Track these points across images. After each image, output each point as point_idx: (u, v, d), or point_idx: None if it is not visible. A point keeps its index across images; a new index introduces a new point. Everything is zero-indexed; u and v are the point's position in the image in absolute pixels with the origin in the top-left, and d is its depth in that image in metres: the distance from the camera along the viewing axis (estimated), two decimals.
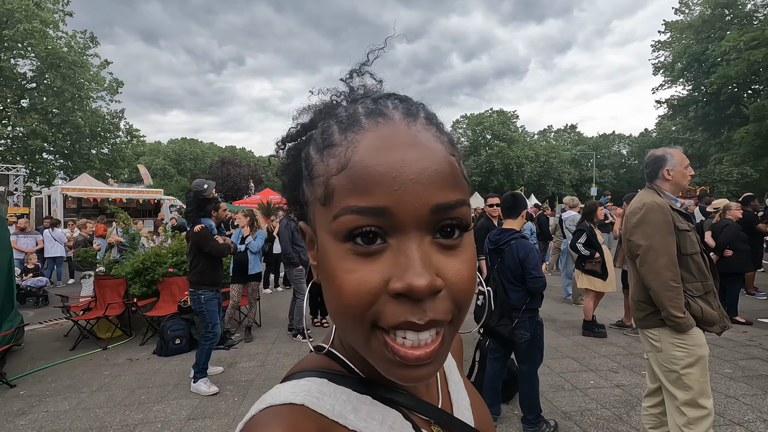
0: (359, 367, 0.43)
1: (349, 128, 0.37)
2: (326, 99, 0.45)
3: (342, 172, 0.35)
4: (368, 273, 0.34)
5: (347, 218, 0.34)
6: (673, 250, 2.10)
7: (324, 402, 0.38)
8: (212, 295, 3.92)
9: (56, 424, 3.27)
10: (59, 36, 22.10)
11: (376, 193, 0.34)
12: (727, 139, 21.49)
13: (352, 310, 0.35)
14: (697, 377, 2.03)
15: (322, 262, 0.38)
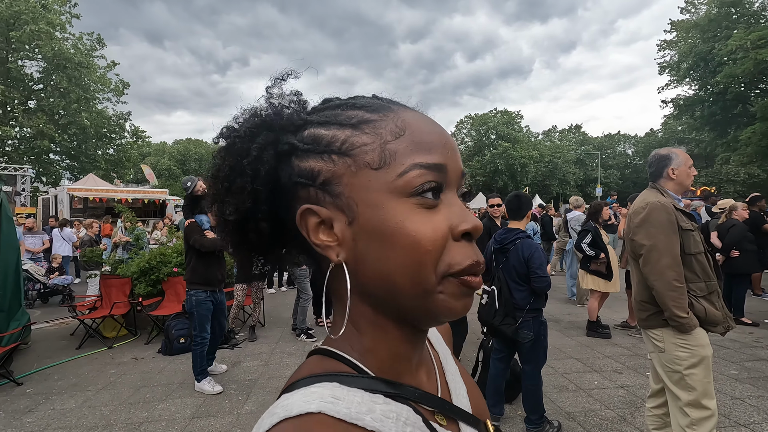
0: (368, 365, 0.42)
1: (380, 109, 0.42)
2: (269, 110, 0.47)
3: (400, 137, 0.39)
4: (438, 221, 0.38)
5: (416, 173, 0.38)
6: (676, 250, 2.09)
7: (339, 406, 0.36)
8: (204, 297, 3.77)
9: (62, 421, 3.31)
10: (66, 37, 22.30)
11: (436, 153, 0.39)
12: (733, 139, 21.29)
13: (431, 256, 0.37)
14: (700, 378, 2.02)
15: (372, 226, 0.38)
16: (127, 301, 5.56)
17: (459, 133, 48.99)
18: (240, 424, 3.20)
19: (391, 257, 0.38)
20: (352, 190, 0.39)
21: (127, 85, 25.87)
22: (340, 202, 0.40)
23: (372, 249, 0.39)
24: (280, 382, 4.01)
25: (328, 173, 0.40)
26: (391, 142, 0.39)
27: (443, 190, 0.40)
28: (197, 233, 3.81)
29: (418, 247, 0.37)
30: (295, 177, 0.42)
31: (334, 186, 0.40)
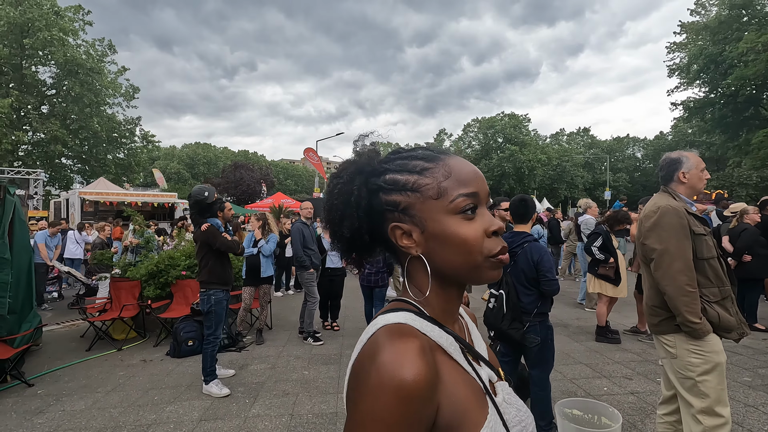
0: (427, 311, 0.64)
1: (433, 159, 0.64)
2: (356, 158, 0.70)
3: (449, 178, 0.61)
4: (476, 227, 0.61)
5: (461, 200, 0.60)
6: (688, 255, 2.06)
7: (415, 323, 0.59)
8: (222, 296, 3.93)
9: (72, 423, 3.34)
10: (78, 44, 22.69)
11: (472, 185, 0.62)
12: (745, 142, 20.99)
13: (477, 247, 0.60)
14: (713, 385, 1.98)
15: (437, 234, 0.61)
16: (137, 303, 5.62)
17: (466, 137, 48.90)
18: (247, 427, 3.20)
19: (452, 250, 0.61)
20: (422, 212, 0.62)
21: (137, 89, 26.23)
22: (415, 220, 0.62)
23: (439, 246, 0.62)
24: (287, 385, 4.01)
25: (405, 203, 0.63)
26: (443, 182, 0.61)
27: (478, 207, 0.62)
28: (220, 236, 3.92)
29: (467, 243, 0.60)
30: (384, 206, 0.64)
31: (410, 210, 0.63)
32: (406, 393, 0.49)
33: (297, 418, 3.34)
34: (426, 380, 0.51)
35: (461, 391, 0.57)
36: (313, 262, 5.40)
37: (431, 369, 0.53)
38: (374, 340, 0.56)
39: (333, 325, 6.05)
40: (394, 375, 0.50)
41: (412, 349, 0.53)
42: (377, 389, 0.50)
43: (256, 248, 5.41)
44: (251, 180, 32.26)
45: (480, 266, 0.61)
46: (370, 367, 0.52)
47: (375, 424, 0.49)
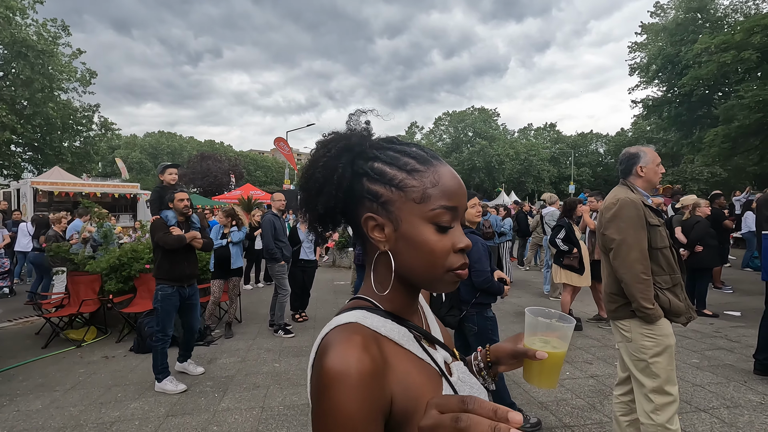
0: (384, 305, 0.66)
1: (425, 163, 0.63)
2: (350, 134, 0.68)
3: (436, 186, 0.61)
4: (446, 240, 0.61)
5: (441, 211, 0.61)
6: (644, 245, 2.18)
7: (366, 321, 0.61)
8: (170, 292, 3.74)
9: (28, 423, 3.19)
10: (28, 24, 21.18)
11: (454, 200, 0.62)
12: (698, 139, 22.18)
13: (441, 260, 0.61)
14: (664, 365, 2.12)
15: (408, 236, 0.61)
16: (97, 298, 5.38)
17: (437, 130, 49.34)
18: (217, 421, 3.16)
19: (417, 256, 0.62)
20: (400, 211, 0.62)
21: (95, 74, 24.80)
22: (390, 216, 0.62)
23: (406, 248, 0.62)
24: (257, 378, 3.98)
25: (386, 197, 0.62)
26: (429, 188, 0.61)
27: (453, 221, 0.62)
28: (162, 230, 3.76)
29: (433, 254, 0.61)
30: (365, 193, 0.64)
31: (389, 206, 0.62)
32: (352, 384, 0.51)
33: (268, 410, 3.33)
34: (371, 371, 0.53)
35: (414, 379, 0.59)
36: (284, 254, 5.34)
37: (376, 361, 0.54)
38: (326, 340, 0.58)
39: (303, 316, 6.03)
40: (339, 370, 0.52)
41: (356, 344, 0.54)
42: (328, 387, 0.52)
43: (225, 240, 5.29)
44: (219, 171, 31.34)
45: (440, 278, 0.62)
46: (320, 367, 0.54)
47: (333, 419, 0.51)
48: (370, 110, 0.72)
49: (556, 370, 0.69)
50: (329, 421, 0.51)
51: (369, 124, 0.71)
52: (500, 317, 5.75)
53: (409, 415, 0.56)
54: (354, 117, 0.71)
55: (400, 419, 0.56)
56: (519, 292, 7.73)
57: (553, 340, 0.69)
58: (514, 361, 0.77)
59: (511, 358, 0.76)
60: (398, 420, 0.56)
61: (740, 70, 17.69)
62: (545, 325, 0.70)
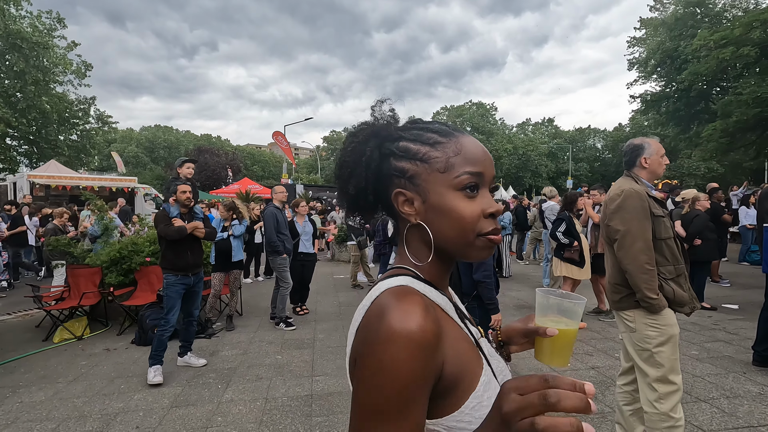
0: (423, 275, 0.67)
1: (446, 135, 0.66)
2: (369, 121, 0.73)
3: (458, 154, 0.64)
4: (476, 206, 0.63)
5: (466, 177, 0.62)
6: (648, 236, 2.19)
7: (415, 285, 0.62)
8: (174, 280, 3.83)
9: (32, 414, 3.19)
10: (22, 15, 20.93)
11: (478, 165, 0.64)
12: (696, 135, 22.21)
13: (471, 225, 0.62)
14: (668, 355, 2.14)
15: (436, 206, 0.63)
16: (98, 291, 5.37)
17: None
18: (221, 412, 3.17)
19: (447, 223, 0.63)
20: (426, 183, 0.64)
21: (90, 67, 24.57)
22: (418, 189, 0.65)
23: (436, 217, 0.64)
24: (260, 370, 3.99)
25: (412, 171, 0.65)
26: (452, 157, 0.64)
27: (480, 187, 0.64)
28: (164, 222, 3.84)
29: (463, 219, 0.62)
30: (392, 171, 0.67)
31: (416, 179, 0.65)
32: (415, 344, 0.52)
33: (272, 401, 3.34)
34: (432, 333, 0.54)
35: (462, 346, 0.62)
36: (285, 247, 5.34)
37: (436, 323, 0.56)
38: (379, 301, 0.58)
39: (303, 309, 6.04)
40: (403, 328, 0.52)
41: (418, 304, 0.56)
42: (388, 342, 0.52)
43: (225, 233, 5.29)
44: (216, 165, 31.22)
45: (471, 243, 0.63)
46: (379, 324, 0.54)
47: (386, 374, 0.51)
48: (388, 99, 0.75)
49: (568, 347, 0.70)
50: (385, 377, 0.51)
51: (394, 111, 0.74)
52: (501, 310, 5.77)
53: (458, 380, 0.58)
54: (377, 107, 0.74)
55: (448, 384, 0.57)
56: (518, 285, 7.77)
57: (564, 319, 0.69)
58: (525, 341, 0.78)
59: (522, 336, 0.77)
60: (446, 385, 0.57)
61: (739, 66, 17.70)
62: (556, 304, 0.70)
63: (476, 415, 0.58)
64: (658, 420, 2.13)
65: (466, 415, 0.58)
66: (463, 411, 0.58)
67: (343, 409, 3.19)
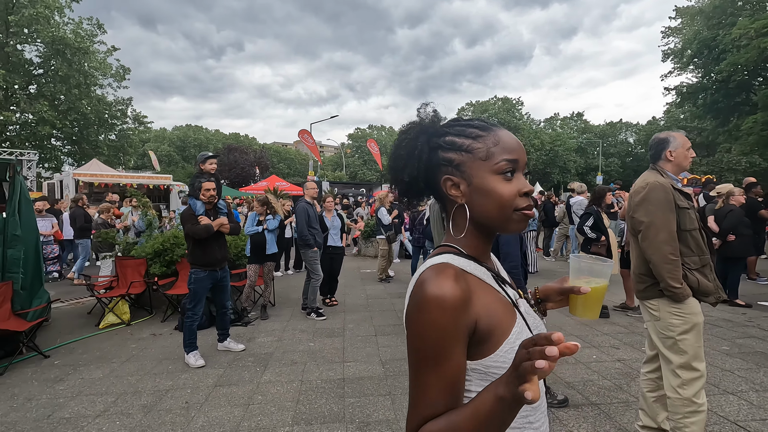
0: (465, 251, 0.81)
1: (486, 129, 0.80)
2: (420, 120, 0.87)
3: (497, 145, 0.77)
4: (513, 187, 0.76)
5: (504, 163, 0.76)
6: (672, 227, 2.26)
7: (454, 261, 0.77)
8: (203, 275, 4.04)
9: (93, 389, 3.52)
10: (65, 22, 22.11)
11: (514, 153, 0.77)
12: (735, 128, 21.28)
13: (510, 202, 0.76)
14: (691, 342, 2.21)
15: (480, 188, 0.77)
16: (143, 280, 5.76)
17: None
18: (261, 392, 3.41)
19: (489, 202, 0.77)
20: (471, 169, 0.78)
21: (128, 70, 25.72)
22: (464, 175, 0.79)
23: (479, 198, 0.78)
24: (294, 355, 4.23)
25: (459, 160, 0.79)
26: (491, 147, 0.77)
27: (515, 171, 0.78)
28: (190, 221, 4.01)
29: (503, 198, 0.76)
30: (441, 161, 0.81)
31: (461, 167, 0.79)
32: (448, 305, 0.68)
33: (307, 383, 3.56)
34: (462, 297, 0.70)
35: (494, 306, 0.76)
36: (316, 240, 5.57)
37: (465, 289, 0.71)
38: (423, 275, 0.74)
39: (332, 301, 6.27)
40: (438, 292, 0.69)
41: (449, 275, 0.71)
42: (426, 304, 0.69)
43: (260, 227, 5.56)
44: (245, 163, 32.06)
45: (510, 218, 0.77)
46: (420, 292, 0.70)
47: (425, 329, 0.69)
48: (431, 102, 0.90)
49: (598, 302, 0.84)
50: (428, 333, 0.68)
51: (436, 111, 0.89)
52: None
53: (491, 332, 0.73)
54: (421, 109, 0.89)
55: (483, 335, 0.73)
56: (543, 281, 7.70)
57: (594, 279, 0.83)
58: (560, 298, 0.94)
59: (558, 295, 0.94)
60: (481, 336, 0.73)
61: None
62: (588, 266, 0.84)
63: (508, 357, 0.73)
64: (681, 405, 2.20)
65: (501, 357, 0.73)
66: (499, 353, 0.73)
67: (374, 392, 3.37)
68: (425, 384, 0.69)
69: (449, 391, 0.69)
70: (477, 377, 0.73)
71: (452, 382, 0.69)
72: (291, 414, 3.05)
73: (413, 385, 0.71)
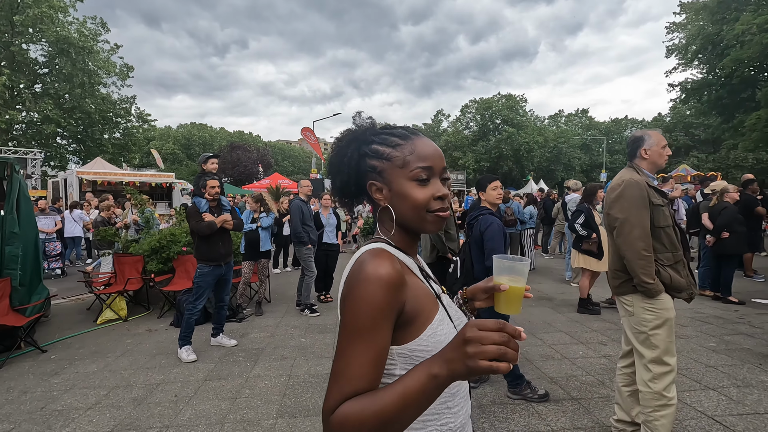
0: (394, 243, 0.87)
1: (405, 138, 0.86)
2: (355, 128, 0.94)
3: (413, 153, 0.84)
4: (427, 191, 0.83)
5: (418, 170, 0.82)
6: (646, 223, 2.29)
7: (388, 248, 0.83)
8: (207, 270, 4.14)
9: (87, 382, 3.61)
10: (70, 22, 22.31)
11: (428, 161, 0.83)
12: (740, 124, 21.04)
13: (422, 205, 0.82)
14: (663, 337, 2.24)
15: (398, 193, 0.84)
16: (140, 277, 5.85)
17: (464, 118, 48.63)
18: (249, 386, 3.48)
19: (405, 205, 0.84)
20: (390, 176, 0.85)
21: (132, 68, 25.93)
22: (385, 181, 0.86)
23: (398, 201, 0.85)
24: (285, 350, 4.30)
25: (381, 167, 0.86)
26: (407, 156, 0.84)
27: (431, 178, 0.84)
28: (195, 218, 4.13)
29: (416, 201, 0.83)
30: (367, 167, 0.88)
31: (383, 173, 0.86)
32: (384, 283, 0.74)
33: (294, 378, 3.63)
34: (397, 277, 0.75)
35: (420, 293, 0.83)
36: (311, 237, 5.63)
37: (400, 272, 0.77)
38: (361, 258, 0.79)
39: (327, 297, 6.33)
40: (376, 271, 0.74)
41: (387, 258, 0.78)
42: (365, 282, 0.74)
43: (254, 224, 5.63)
44: (248, 161, 32.21)
45: (424, 218, 0.84)
46: (359, 272, 0.75)
47: (363, 303, 0.73)
48: (363, 112, 0.98)
49: (518, 299, 0.88)
50: (362, 304, 0.72)
51: (371, 118, 0.97)
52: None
53: (416, 316, 0.79)
54: (357, 117, 0.96)
55: (408, 318, 0.78)
56: (540, 278, 7.78)
57: (515, 277, 0.88)
58: (486, 296, 0.99)
59: (484, 293, 0.99)
60: (406, 318, 0.78)
61: None
62: (509, 266, 0.89)
63: (431, 341, 0.79)
64: (651, 398, 2.24)
65: (424, 341, 0.78)
66: (422, 338, 0.79)
67: None
68: (351, 357, 0.71)
69: (373, 368, 0.72)
70: (402, 361, 0.78)
71: (377, 358, 0.72)
72: (276, 407, 3.11)
73: (338, 360, 0.73)
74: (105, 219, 7.82)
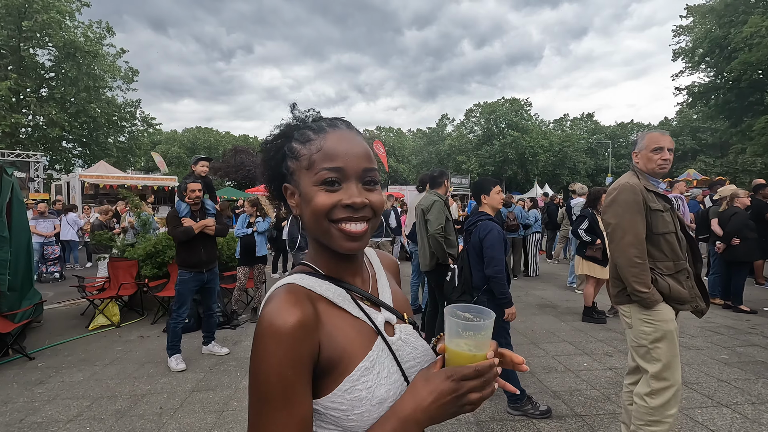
0: (322, 269, 0.73)
1: (318, 132, 0.70)
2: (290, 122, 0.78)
3: (320, 151, 0.68)
4: (334, 197, 0.66)
5: (324, 173, 0.67)
6: (639, 229, 2.14)
7: (302, 282, 0.69)
8: (188, 277, 4.02)
9: (70, 392, 3.50)
10: (76, 26, 22.48)
11: (337, 161, 0.67)
12: (748, 128, 20.75)
13: (321, 213, 0.66)
14: (665, 351, 2.09)
15: (304, 198, 0.69)
16: (134, 282, 5.75)
17: (468, 122, 48.54)
18: (237, 397, 3.35)
19: (307, 213, 0.69)
20: (299, 178, 0.70)
21: (137, 72, 26.06)
22: (296, 184, 0.71)
23: (304, 208, 0.70)
24: None
25: (292, 168, 0.72)
26: (314, 154, 0.68)
27: (343, 182, 0.68)
28: (173, 224, 4.01)
29: (316, 208, 0.67)
30: (285, 168, 0.73)
31: (294, 175, 0.72)
32: (284, 335, 0.59)
33: None
34: (302, 323, 0.60)
35: (343, 332, 0.66)
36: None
37: (306, 314, 0.62)
38: (267, 298, 0.66)
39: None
40: (272, 323, 0.60)
41: (291, 300, 0.62)
42: (262, 337, 0.60)
43: (250, 229, 5.52)
44: (252, 164, 32.20)
45: (327, 231, 0.67)
46: (259, 323, 0.61)
47: (263, 364, 0.58)
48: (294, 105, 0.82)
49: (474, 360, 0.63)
50: (262, 366, 0.59)
51: (309, 111, 0.80)
52: (523, 308, 5.72)
53: (334, 364, 0.64)
54: (295, 110, 0.79)
55: (324, 366, 0.63)
56: (544, 284, 7.60)
57: (477, 342, 0.64)
58: None
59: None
60: (324, 366, 0.63)
61: None
62: (466, 326, 0.64)
63: (347, 398, 0.62)
64: (645, 413, 2.11)
65: (339, 396, 0.62)
66: (336, 393, 0.62)
67: None
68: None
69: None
70: (316, 417, 0.63)
71: (300, 427, 0.59)
72: None
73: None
74: (102, 223, 7.75)
